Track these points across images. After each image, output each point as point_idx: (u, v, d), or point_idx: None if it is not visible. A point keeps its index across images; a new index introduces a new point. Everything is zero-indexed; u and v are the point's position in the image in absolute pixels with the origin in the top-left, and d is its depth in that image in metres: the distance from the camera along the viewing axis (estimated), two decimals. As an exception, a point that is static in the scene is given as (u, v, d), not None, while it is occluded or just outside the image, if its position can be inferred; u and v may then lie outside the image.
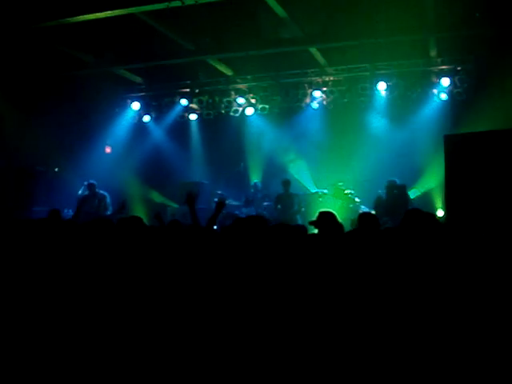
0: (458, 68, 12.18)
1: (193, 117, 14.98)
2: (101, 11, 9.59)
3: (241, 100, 14.20)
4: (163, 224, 6.21)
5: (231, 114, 14.47)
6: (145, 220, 5.23)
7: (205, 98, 14.58)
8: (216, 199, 13.33)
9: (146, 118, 15.15)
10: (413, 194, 11.62)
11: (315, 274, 4.01)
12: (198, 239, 4.81)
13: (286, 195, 12.33)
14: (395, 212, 9.92)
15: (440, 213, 10.77)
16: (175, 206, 14.11)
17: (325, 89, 13.38)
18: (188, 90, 14.54)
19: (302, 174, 13.51)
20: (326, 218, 5.60)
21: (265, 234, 4.51)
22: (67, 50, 11.72)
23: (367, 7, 9.76)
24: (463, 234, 4.64)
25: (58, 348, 3.79)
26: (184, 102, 14.50)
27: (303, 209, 12.20)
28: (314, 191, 12.83)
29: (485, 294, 3.64)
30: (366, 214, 6.08)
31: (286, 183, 12.38)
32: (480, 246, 4.27)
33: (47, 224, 5.14)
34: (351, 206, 11.58)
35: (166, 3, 9.11)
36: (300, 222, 11.61)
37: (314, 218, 5.76)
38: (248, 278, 3.95)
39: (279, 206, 12.23)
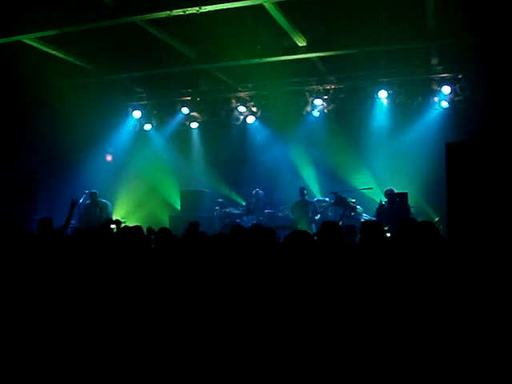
0: (459, 76, 12.20)
1: (194, 125, 15.00)
2: (103, 20, 9.62)
3: (242, 108, 14.22)
4: (155, 235, 6.20)
5: (232, 122, 14.50)
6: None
7: (206, 107, 14.61)
8: (217, 207, 13.39)
9: (148, 127, 15.18)
10: (414, 201, 11.58)
11: (314, 280, 4.01)
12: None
13: (302, 202, 12.35)
14: (397, 220, 9.91)
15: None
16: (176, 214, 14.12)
17: (326, 97, 13.40)
18: (189, 98, 14.57)
19: (304, 181, 13.47)
20: (329, 228, 5.57)
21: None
22: (68, 58, 11.73)
23: (368, 15, 9.77)
24: (463, 242, 4.63)
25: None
26: (185, 110, 14.53)
27: (318, 216, 12.19)
28: (316, 199, 12.83)
29: (484, 299, 3.64)
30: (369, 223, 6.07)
31: (302, 191, 12.43)
32: (481, 253, 4.27)
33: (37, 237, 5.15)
34: (353, 214, 11.55)
35: (168, 12, 9.13)
36: (315, 229, 11.66)
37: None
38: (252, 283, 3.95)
39: (295, 214, 12.26)
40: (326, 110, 13.60)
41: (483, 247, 4.40)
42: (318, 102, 13.45)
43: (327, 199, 12.79)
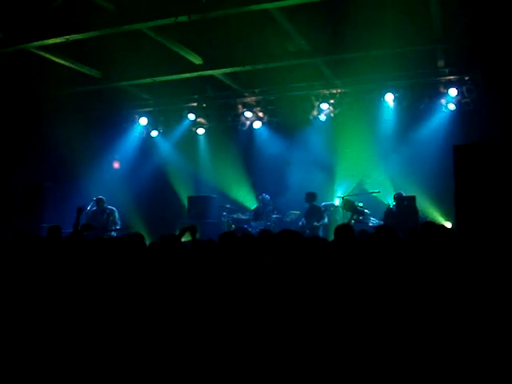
0: (466, 78, 12.14)
1: (200, 131, 14.99)
2: (107, 28, 9.64)
3: (248, 114, 14.21)
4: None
5: (239, 127, 14.49)
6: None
7: (212, 113, 14.61)
8: (225, 213, 13.35)
9: (154, 133, 15.19)
10: (422, 205, 11.51)
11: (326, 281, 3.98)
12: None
13: (311, 208, 12.20)
14: (404, 223, 9.88)
15: (448, 224, 10.67)
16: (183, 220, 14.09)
17: (332, 101, 13.35)
18: (195, 104, 14.58)
19: (311, 186, 13.41)
20: (343, 231, 5.47)
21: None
22: (75, 66, 11.76)
23: (374, 18, 9.73)
24: (475, 244, 4.58)
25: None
26: (192, 116, 14.54)
27: (326, 220, 12.13)
28: (323, 204, 12.77)
29: (498, 301, 3.60)
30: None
31: (311, 196, 12.31)
32: (492, 255, 4.22)
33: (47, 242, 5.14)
34: (361, 217, 11.50)
35: (173, 18, 9.14)
36: (322, 233, 11.63)
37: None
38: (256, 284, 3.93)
39: (303, 220, 12.18)
40: (332, 114, 13.54)
41: (493, 250, 4.34)
42: (325, 106, 13.40)
43: (335, 203, 12.74)
